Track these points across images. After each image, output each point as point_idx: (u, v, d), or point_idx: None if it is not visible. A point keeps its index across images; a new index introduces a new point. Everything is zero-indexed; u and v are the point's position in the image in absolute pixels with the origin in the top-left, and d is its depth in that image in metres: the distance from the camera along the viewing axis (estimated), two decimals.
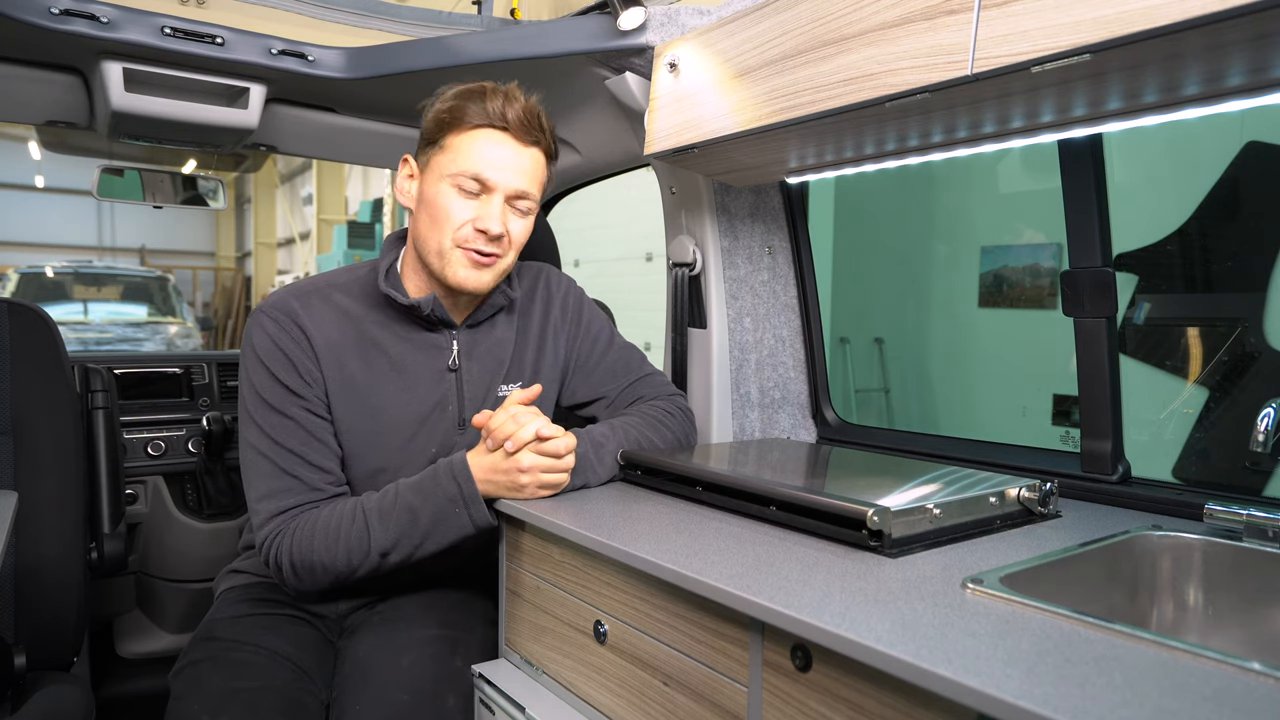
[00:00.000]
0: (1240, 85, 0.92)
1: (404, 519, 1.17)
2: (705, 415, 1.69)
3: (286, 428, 1.21)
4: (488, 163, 1.20)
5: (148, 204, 2.14)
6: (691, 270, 1.69)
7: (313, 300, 1.26)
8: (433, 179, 1.23)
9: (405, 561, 1.20)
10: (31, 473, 1.42)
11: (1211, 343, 2.29)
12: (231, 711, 1.08)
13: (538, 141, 1.25)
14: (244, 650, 1.20)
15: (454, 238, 1.22)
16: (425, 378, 1.29)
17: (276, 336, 1.22)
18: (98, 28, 1.35)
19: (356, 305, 1.28)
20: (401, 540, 1.18)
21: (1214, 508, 1.01)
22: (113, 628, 2.17)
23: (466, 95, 1.21)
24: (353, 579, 1.21)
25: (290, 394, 1.21)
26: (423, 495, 1.18)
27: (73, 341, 6.61)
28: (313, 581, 1.21)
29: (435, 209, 1.22)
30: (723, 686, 0.88)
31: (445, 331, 1.32)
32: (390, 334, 1.28)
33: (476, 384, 1.33)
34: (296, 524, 1.19)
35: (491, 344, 1.35)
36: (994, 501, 1.06)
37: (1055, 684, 0.61)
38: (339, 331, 1.25)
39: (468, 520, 1.18)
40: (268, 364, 1.21)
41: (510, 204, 1.24)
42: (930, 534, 0.98)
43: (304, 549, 1.18)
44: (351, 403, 1.25)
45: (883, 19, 1.05)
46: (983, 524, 1.04)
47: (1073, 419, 1.27)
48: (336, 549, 1.17)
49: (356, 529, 1.18)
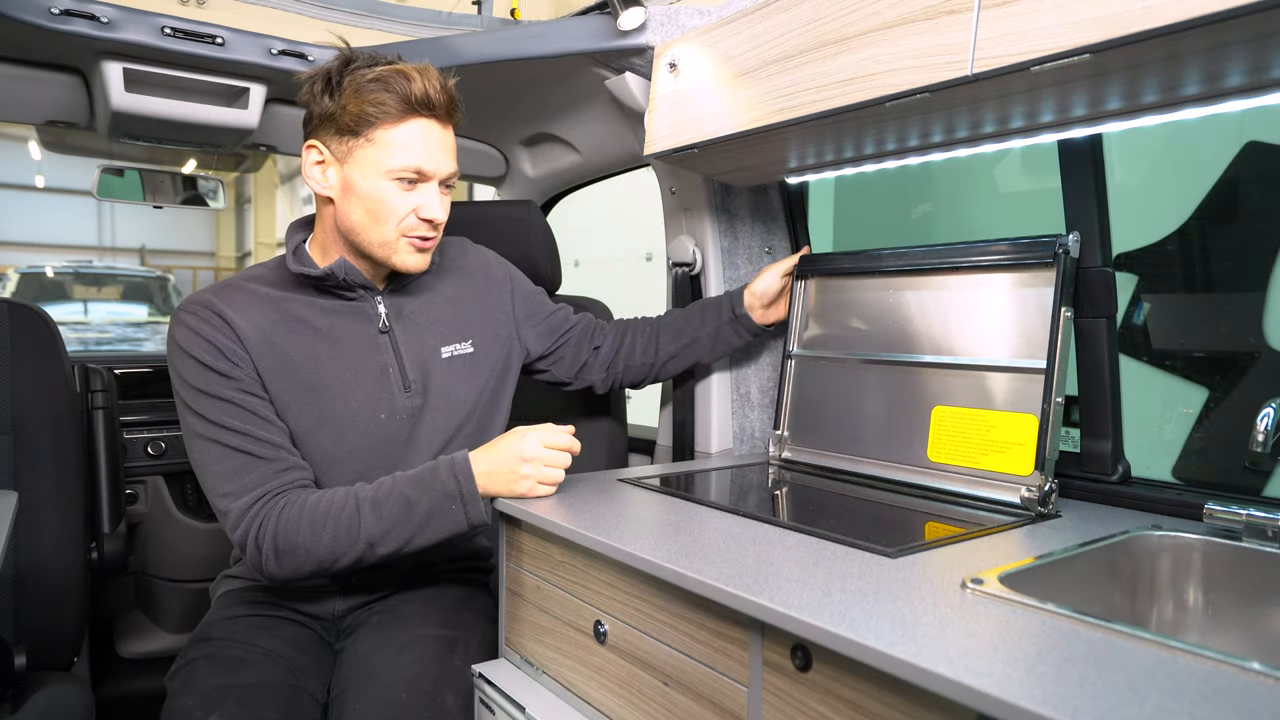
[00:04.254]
0: (1240, 85, 0.92)
1: (398, 510, 1.16)
2: (705, 415, 1.69)
3: (224, 409, 1.18)
4: (424, 154, 1.20)
5: (148, 204, 2.14)
6: (691, 270, 1.69)
7: (228, 292, 1.25)
8: (365, 174, 1.20)
9: (394, 555, 1.17)
10: (31, 473, 1.42)
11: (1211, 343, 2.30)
12: (225, 708, 1.08)
13: (453, 116, 1.25)
14: (239, 648, 1.20)
15: (399, 229, 1.22)
16: (358, 345, 1.28)
17: (197, 327, 1.20)
18: (98, 28, 1.35)
19: (274, 290, 1.28)
20: (393, 531, 1.16)
21: (1214, 508, 1.01)
22: (113, 628, 2.17)
23: (383, 83, 1.17)
24: (335, 568, 1.17)
25: (220, 376, 1.19)
26: (420, 488, 1.17)
27: (73, 341, 6.60)
28: (293, 566, 1.16)
29: (375, 203, 1.21)
30: (723, 686, 0.88)
31: (369, 298, 1.31)
32: (314, 309, 1.28)
33: (414, 345, 1.32)
34: (283, 505, 1.16)
35: (420, 303, 1.35)
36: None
37: (1055, 684, 0.61)
38: (261, 314, 1.24)
39: (463, 517, 1.17)
40: (192, 354, 1.19)
41: (441, 185, 1.25)
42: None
43: (289, 531, 1.14)
44: (288, 380, 1.23)
45: (883, 19, 1.06)
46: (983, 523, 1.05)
47: (1072, 419, 1.27)
48: (322, 533, 1.14)
49: (347, 515, 1.15)
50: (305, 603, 1.33)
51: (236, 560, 1.41)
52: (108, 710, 1.95)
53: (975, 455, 1.24)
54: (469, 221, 1.66)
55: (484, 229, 1.74)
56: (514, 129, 2.06)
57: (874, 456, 1.39)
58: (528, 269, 1.64)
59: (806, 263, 1.59)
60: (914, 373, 1.36)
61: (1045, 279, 1.21)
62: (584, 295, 1.87)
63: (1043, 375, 1.17)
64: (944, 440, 1.28)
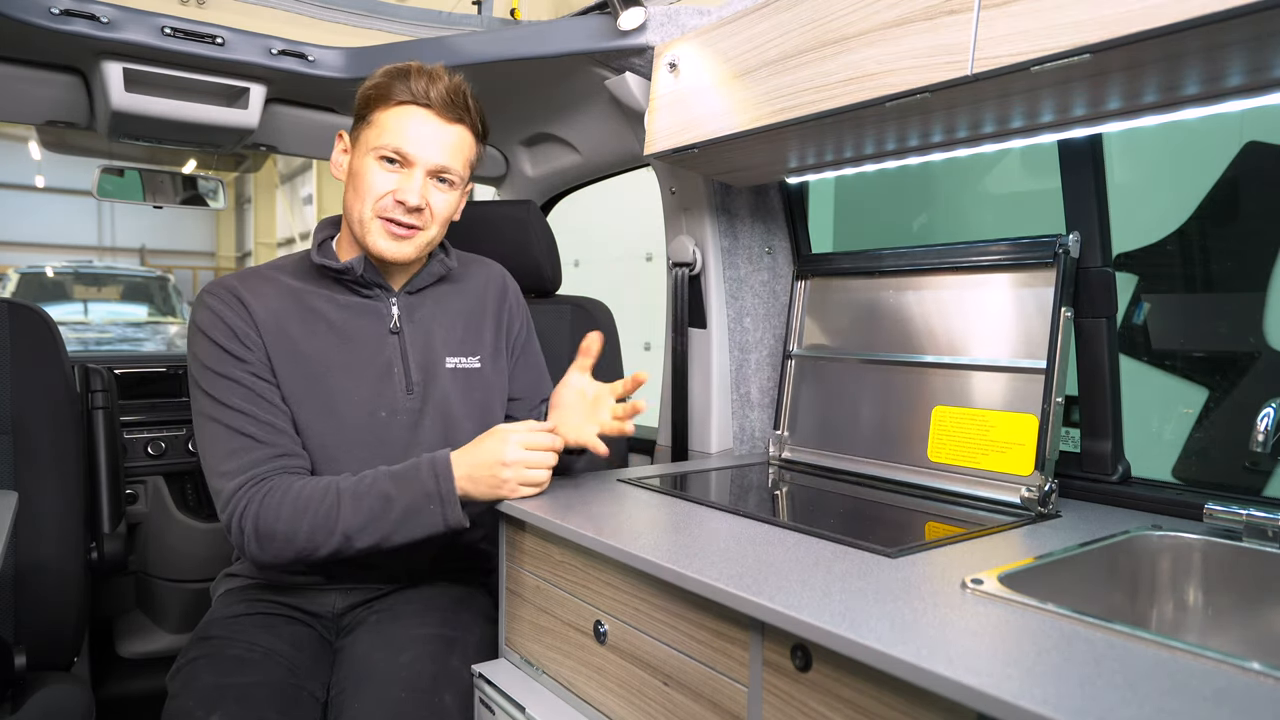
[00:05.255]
0: (1240, 85, 0.92)
1: (377, 505, 1.17)
2: (705, 415, 1.69)
3: (231, 389, 1.22)
4: (409, 137, 1.24)
5: (148, 204, 2.14)
6: (691, 270, 1.69)
7: (251, 279, 1.31)
8: (360, 153, 1.27)
9: (372, 549, 1.18)
10: (31, 473, 1.42)
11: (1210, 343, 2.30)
12: (225, 707, 1.08)
13: (461, 119, 1.28)
14: (239, 647, 1.20)
15: (374, 208, 1.25)
16: (368, 342, 1.32)
17: (217, 308, 1.26)
18: (98, 28, 1.35)
19: (296, 281, 1.33)
20: (370, 526, 1.17)
21: (1214, 508, 1.01)
22: (113, 628, 2.17)
23: (393, 74, 1.25)
24: (316, 556, 1.18)
25: (232, 358, 1.23)
26: (400, 485, 1.18)
27: (73, 341, 6.60)
28: (274, 552, 1.18)
29: (359, 180, 1.26)
30: (723, 686, 0.88)
31: (385, 298, 1.35)
32: (330, 304, 1.32)
33: (421, 349, 1.35)
34: (268, 489, 1.18)
35: (432, 309, 1.38)
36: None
37: (1055, 684, 0.61)
38: (279, 303, 1.29)
39: (440, 519, 1.18)
40: (209, 334, 1.24)
41: (432, 178, 1.27)
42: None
43: (270, 516, 1.16)
44: (296, 370, 1.27)
45: (883, 19, 1.06)
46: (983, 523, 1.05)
47: (1072, 418, 1.27)
48: (300, 522, 1.16)
49: (326, 505, 1.17)
50: (305, 601, 1.33)
51: (237, 558, 1.41)
52: (108, 710, 1.94)
53: (975, 455, 1.24)
54: (469, 221, 1.66)
55: (484, 229, 1.74)
56: (514, 129, 2.06)
57: (874, 456, 1.39)
58: (528, 269, 1.64)
59: (806, 263, 1.59)
60: (914, 373, 1.36)
61: (1045, 279, 1.21)
62: (584, 295, 1.87)
63: (1043, 375, 1.17)
64: (944, 440, 1.28)
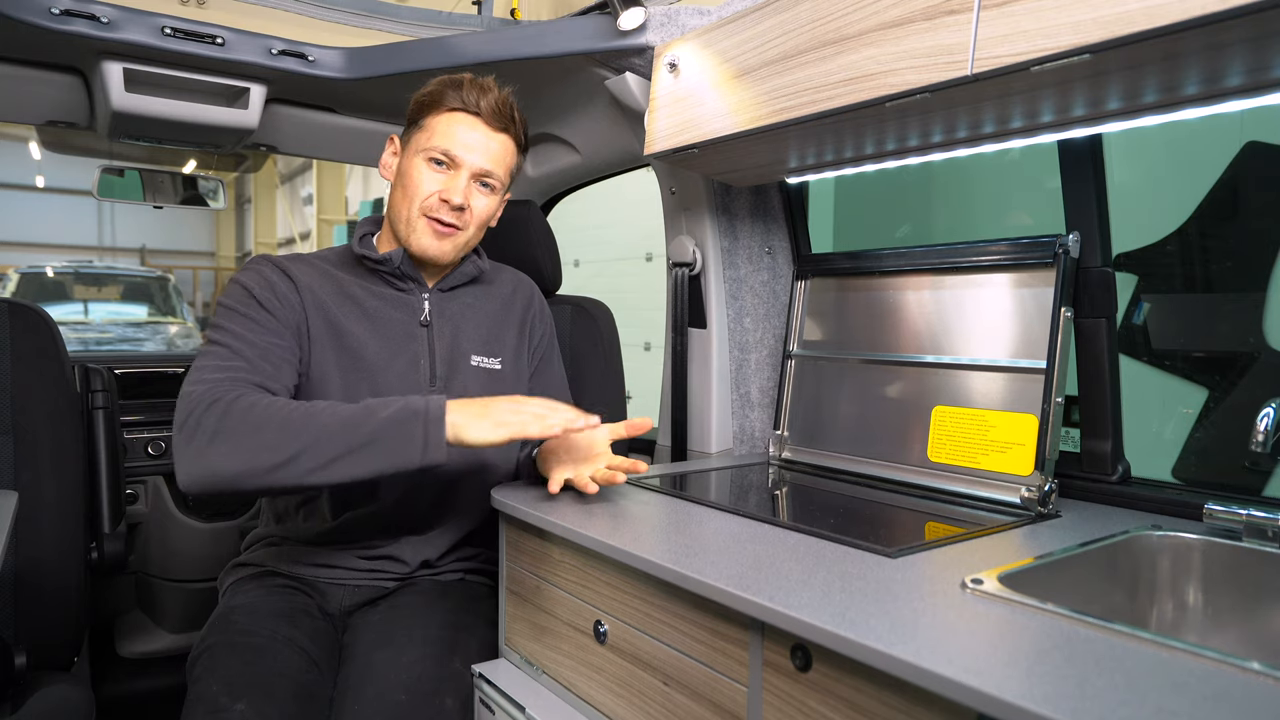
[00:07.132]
0: (1240, 85, 0.92)
1: (358, 414, 1.09)
2: (705, 415, 1.69)
3: (243, 324, 1.23)
4: (458, 142, 1.30)
5: (148, 204, 2.14)
6: (691, 270, 1.69)
7: (295, 259, 1.36)
8: (409, 154, 1.34)
9: (334, 462, 1.07)
10: (31, 473, 1.42)
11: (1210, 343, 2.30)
12: (249, 696, 1.09)
13: (507, 129, 1.35)
14: (260, 636, 1.20)
15: (421, 206, 1.31)
16: (398, 331, 1.36)
17: (262, 271, 1.30)
18: (98, 28, 1.35)
19: (335, 269, 1.38)
20: (339, 434, 1.07)
21: (1213, 508, 1.01)
22: (113, 628, 2.17)
23: (448, 83, 1.33)
24: (264, 479, 1.07)
25: (259, 305, 1.25)
26: (388, 402, 1.11)
27: (73, 341, 6.60)
28: (219, 457, 1.07)
29: (408, 180, 1.32)
30: (723, 686, 0.88)
31: (418, 292, 1.39)
32: (367, 293, 1.36)
33: (447, 344, 1.39)
34: (238, 394, 1.11)
35: (462, 307, 1.43)
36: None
37: (1055, 684, 0.61)
38: (320, 283, 1.34)
39: (421, 437, 1.08)
40: (246, 285, 1.27)
41: (475, 181, 1.33)
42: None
43: (236, 416, 1.08)
44: (330, 346, 1.30)
45: (883, 19, 1.06)
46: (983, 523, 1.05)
47: (1072, 418, 1.27)
48: (266, 427, 1.07)
49: (299, 413, 1.09)
50: (318, 595, 1.34)
51: (247, 547, 1.43)
52: (108, 710, 1.94)
53: (975, 455, 1.24)
54: None
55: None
56: None
57: (874, 456, 1.39)
58: (528, 269, 1.64)
59: (806, 263, 1.59)
60: (914, 373, 1.36)
61: (1045, 279, 1.21)
62: (584, 295, 1.87)
63: (1043, 375, 1.17)
64: (944, 440, 1.28)
